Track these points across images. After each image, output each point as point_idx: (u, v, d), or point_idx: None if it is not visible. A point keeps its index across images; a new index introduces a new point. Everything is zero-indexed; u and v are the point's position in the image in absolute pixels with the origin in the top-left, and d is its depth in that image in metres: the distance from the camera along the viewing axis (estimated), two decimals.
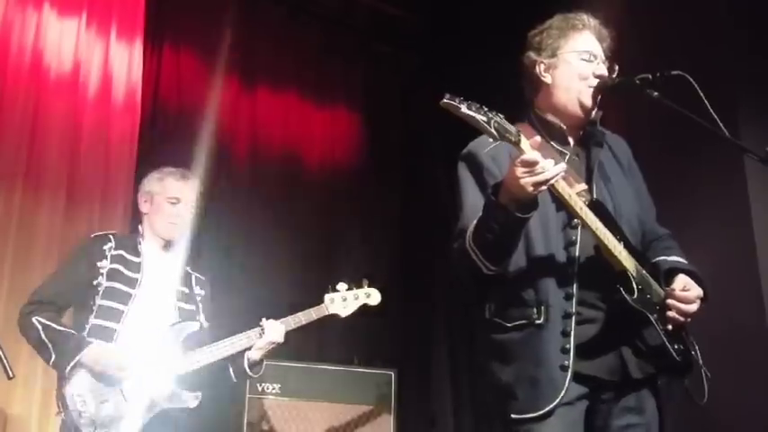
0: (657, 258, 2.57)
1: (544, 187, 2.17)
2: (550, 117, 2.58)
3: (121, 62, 5.20)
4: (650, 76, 2.53)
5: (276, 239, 5.71)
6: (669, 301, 2.39)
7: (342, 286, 3.64)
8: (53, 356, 3.14)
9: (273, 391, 4.31)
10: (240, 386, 4.25)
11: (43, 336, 3.16)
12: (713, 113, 2.51)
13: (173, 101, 5.53)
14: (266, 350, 3.43)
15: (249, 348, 3.39)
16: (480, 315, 2.51)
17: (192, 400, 3.27)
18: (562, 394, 2.26)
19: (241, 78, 5.90)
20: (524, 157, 2.14)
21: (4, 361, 2.82)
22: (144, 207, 3.52)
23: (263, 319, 3.43)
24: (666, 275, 2.49)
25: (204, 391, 3.34)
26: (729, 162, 4.12)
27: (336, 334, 5.03)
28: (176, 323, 3.36)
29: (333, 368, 4.55)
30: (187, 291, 3.51)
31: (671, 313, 2.38)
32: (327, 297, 3.60)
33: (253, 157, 5.87)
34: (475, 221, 2.33)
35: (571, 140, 2.58)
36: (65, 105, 4.95)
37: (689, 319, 2.43)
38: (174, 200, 3.50)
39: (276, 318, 3.46)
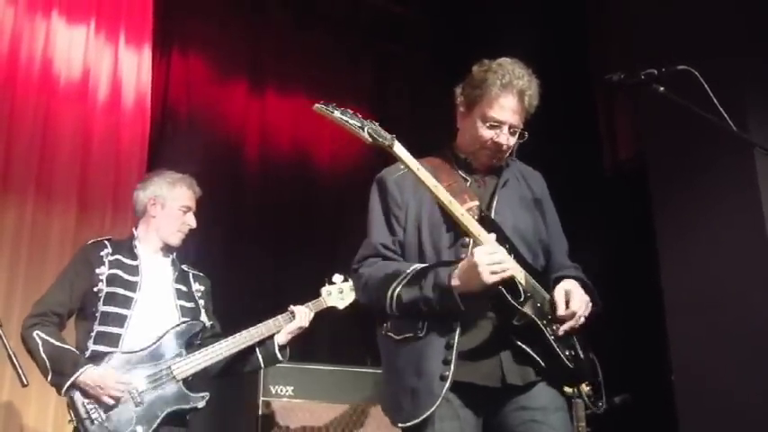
0: (554, 276, 2.63)
1: (501, 277, 2.32)
2: (460, 150, 2.70)
3: (130, 68, 5.23)
4: (656, 72, 2.53)
5: (287, 239, 5.73)
6: (558, 314, 2.46)
7: (338, 278, 3.66)
8: (50, 374, 3.15)
9: (287, 393, 4.29)
10: (253, 388, 4.25)
11: (42, 352, 3.15)
12: (720, 108, 2.50)
13: (182, 106, 5.56)
14: (294, 335, 3.48)
15: (274, 334, 3.45)
16: (379, 332, 2.62)
17: (199, 400, 3.29)
18: (438, 402, 2.36)
19: (249, 81, 5.92)
20: (483, 248, 2.33)
21: (19, 369, 2.85)
22: (153, 210, 3.48)
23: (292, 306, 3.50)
24: (554, 284, 2.55)
25: (217, 392, 3.36)
26: (739, 157, 4.11)
27: (348, 335, 5.04)
28: (180, 324, 3.35)
29: (346, 369, 4.53)
30: (186, 289, 3.50)
31: (565, 326, 2.46)
32: (324, 290, 3.64)
33: (263, 158, 5.89)
34: (409, 276, 2.43)
35: (479, 169, 2.68)
36: (75, 112, 4.98)
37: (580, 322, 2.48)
38: (185, 208, 3.51)
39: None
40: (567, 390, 2.57)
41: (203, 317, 3.47)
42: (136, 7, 5.34)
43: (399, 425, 2.47)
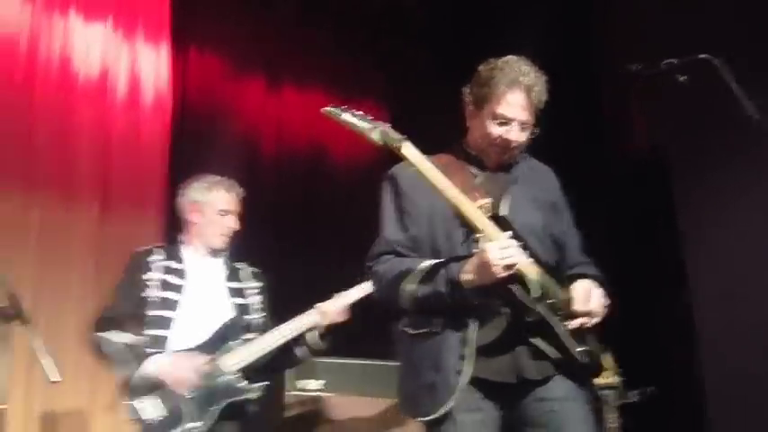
0: (569, 273, 2.65)
1: (512, 270, 2.34)
2: (470, 148, 2.72)
3: (149, 66, 5.25)
4: (675, 61, 2.52)
5: (304, 235, 5.76)
6: (574, 309, 2.49)
7: None
8: (116, 370, 3.20)
9: (316, 387, 4.30)
10: (281, 382, 4.26)
11: (104, 350, 3.22)
12: (742, 97, 2.49)
13: (200, 103, 5.57)
14: (332, 327, 3.48)
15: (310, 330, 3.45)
16: (395, 327, 2.64)
17: (254, 390, 3.31)
18: (455, 396, 2.39)
19: (267, 77, 5.94)
20: (493, 243, 2.34)
21: (49, 365, 2.88)
22: (194, 217, 3.51)
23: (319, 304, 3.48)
24: (569, 281, 2.58)
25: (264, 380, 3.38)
26: (762, 148, 4.09)
27: (373, 328, 5.04)
28: (231, 319, 3.38)
29: (372, 363, 4.51)
30: (240, 286, 3.53)
31: (576, 321, 2.50)
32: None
33: (280, 153, 5.91)
34: (421, 273, 2.47)
35: (490, 166, 2.69)
36: (94, 111, 5.00)
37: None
38: (224, 212, 3.53)
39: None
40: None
41: (256, 313, 3.50)
42: (153, 5, 5.35)
43: (419, 419, 2.49)
